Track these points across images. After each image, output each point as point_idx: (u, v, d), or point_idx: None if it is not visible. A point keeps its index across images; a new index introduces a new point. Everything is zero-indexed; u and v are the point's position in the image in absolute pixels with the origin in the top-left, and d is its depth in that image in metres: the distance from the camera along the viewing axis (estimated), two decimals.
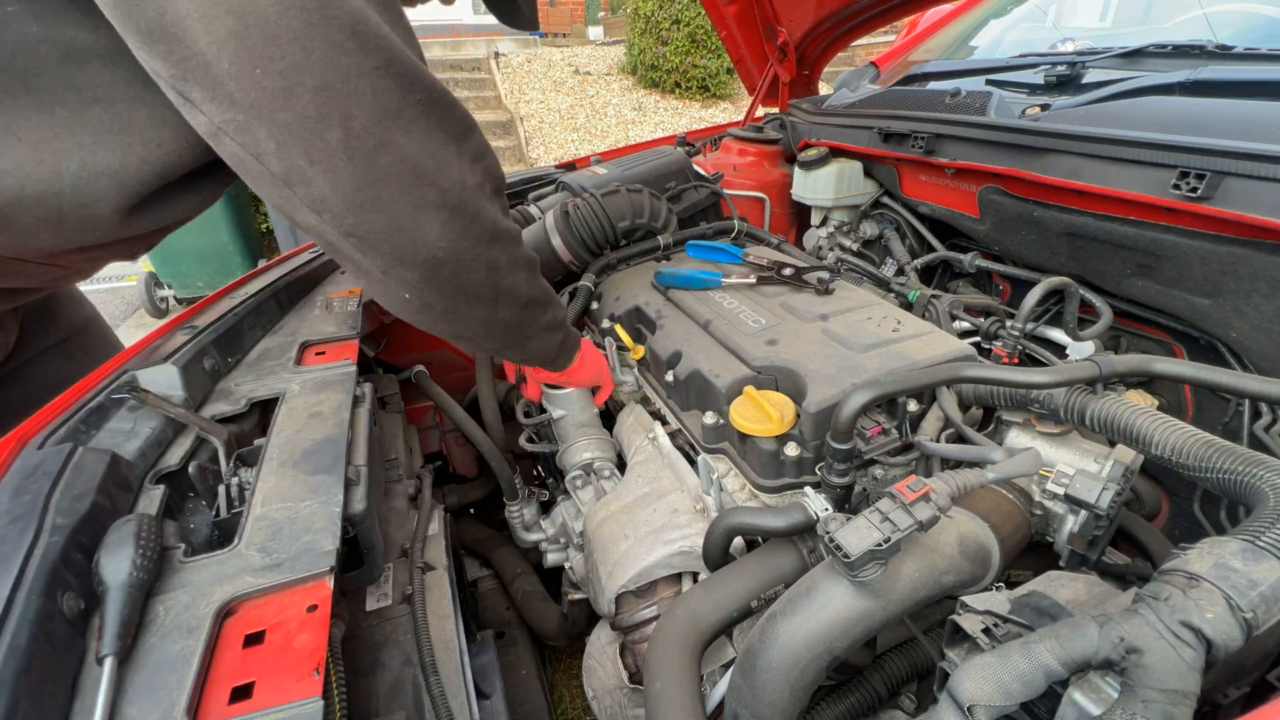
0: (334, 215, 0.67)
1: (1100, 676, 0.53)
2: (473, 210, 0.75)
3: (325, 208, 0.66)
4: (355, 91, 0.62)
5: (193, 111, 0.62)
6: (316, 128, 0.61)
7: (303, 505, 0.71)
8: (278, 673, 0.54)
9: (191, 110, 0.62)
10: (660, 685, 0.77)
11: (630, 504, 1.09)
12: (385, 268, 0.72)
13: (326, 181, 0.64)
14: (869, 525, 0.64)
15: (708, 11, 1.97)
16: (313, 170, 0.63)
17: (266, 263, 1.40)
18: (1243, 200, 0.90)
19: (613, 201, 1.43)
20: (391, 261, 0.72)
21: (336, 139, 0.62)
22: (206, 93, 0.59)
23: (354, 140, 0.63)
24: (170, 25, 0.56)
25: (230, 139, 0.62)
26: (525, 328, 0.95)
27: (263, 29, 0.57)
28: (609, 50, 9.11)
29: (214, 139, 0.64)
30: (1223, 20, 1.63)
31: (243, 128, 0.61)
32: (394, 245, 0.71)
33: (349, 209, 0.67)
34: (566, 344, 1.08)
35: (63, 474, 0.66)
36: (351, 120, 0.62)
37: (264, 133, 0.61)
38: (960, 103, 1.38)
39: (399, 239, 0.70)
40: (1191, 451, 0.68)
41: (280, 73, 0.58)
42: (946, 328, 1.17)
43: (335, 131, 0.62)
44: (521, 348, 1.00)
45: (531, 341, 0.99)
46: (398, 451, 1.27)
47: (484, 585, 1.65)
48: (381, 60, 0.63)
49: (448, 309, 0.81)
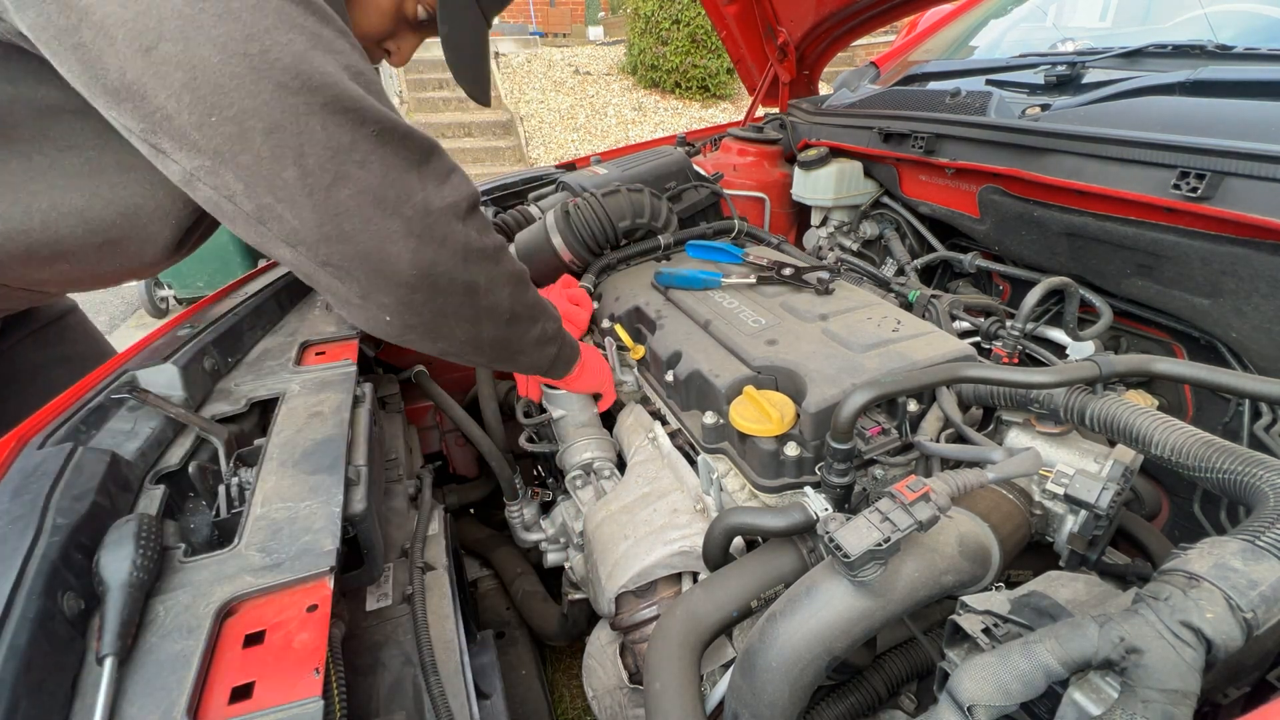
0: (308, 247, 0.69)
1: (1100, 676, 0.53)
2: (440, 234, 0.76)
3: (299, 240, 0.68)
4: (305, 130, 0.64)
5: (166, 161, 0.65)
6: (274, 167, 0.64)
7: (303, 505, 0.71)
8: (278, 673, 0.54)
9: (165, 160, 0.64)
10: (660, 685, 0.77)
11: (630, 504, 1.09)
12: (363, 294, 0.74)
13: (294, 217, 0.66)
14: (869, 525, 0.64)
15: (708, 11, 1.97)
16: (280, 207, 0.66)
17: (266, 263, 1.40)
18: (1243, 200, 0.90)
19: (613, 201, 1.43)
20: (367, 288, 0.74)
21: (293, 176, 0.64)
22: (175, 143, 0.62)
23: (310, 177, 0.65)
24: (131, 84, 0.59)
25: (203, 184, 0.65)
26: (512, 343, 0.96)
27: (210, 78, 0.60)
28: (609, 50, 9.11)
29: (189, 186, 0.66)
30: (1223, 20, 1.63)
31: (211, 172, 0.64)
32: (366, 274, 0.72)
33: (319, 240, 0.68)
34: (562, 355, 1.08)
35: (63, 474, 0.66)
36: (305, 158, 0.64)
37: (230, 175, 0.64)
38: (960, 103, 1.38)
39: (370, 268, 0.72)
40: (1191, 451, 0.68)
41: (232, 118, 0.61)
42: (946, 328, 1.17)
43: (291, 170, 0.64)
44: (512, 361, 1.01)
45: (521, 356, 1.00)
46: (398, 451, 1.27)
47: (484, 585, 1.65)
48: (328, 97, 0.65)
49: (429, 330, 0.82)
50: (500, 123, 7.41)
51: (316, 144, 0.65)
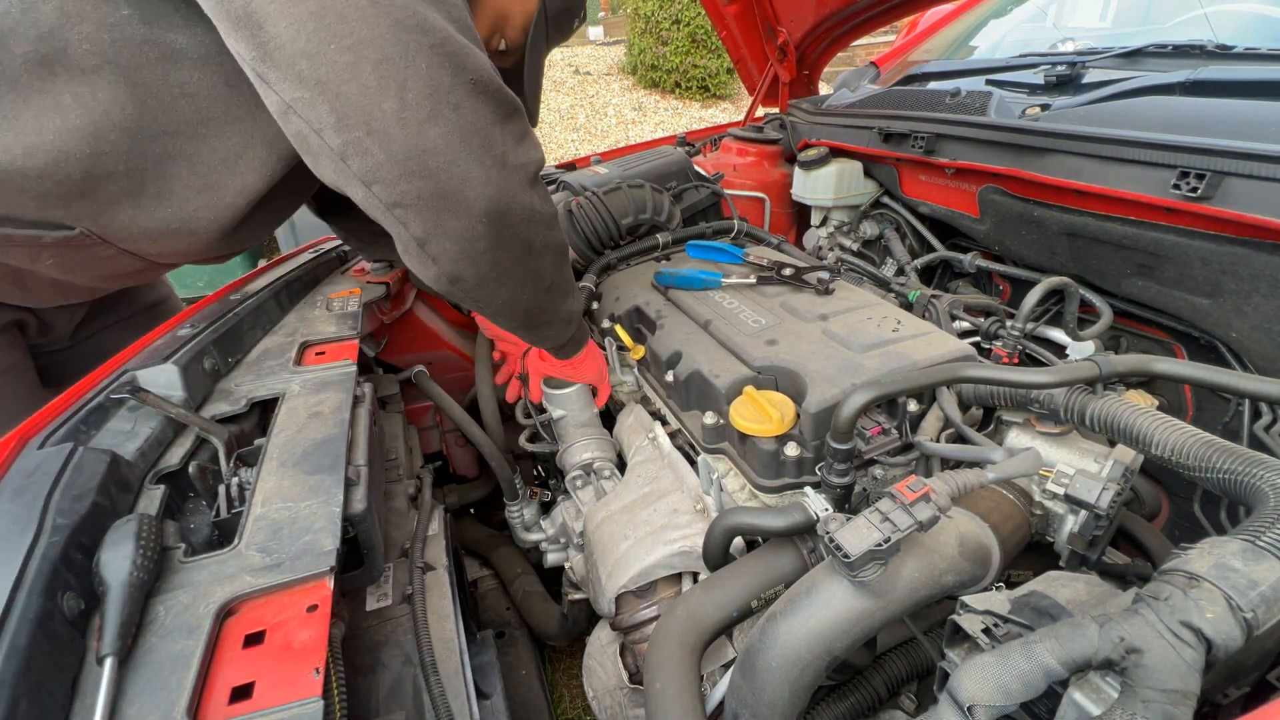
0: (384, 185, 0.72)
1: (1100, 676, 0.53)
2: (513, 190, 0.80)
3: (376, 178, 0.72)
4: (412, 65, 0.68)
5: (268, 91, 0.69)
6: (375, 97, 0.67)
7: (303, 505, 0.71)
8: (277, 673, 0.54)
9: (267, 90, 0.69)
10: (660, 685, 0.77)
11: (630, 504, 1.09)
12: (424, 238, 0.77)
13: (381, 149, 0.70)
14: (869, 525, 0.64)
15: (708, 11, 1.97)
16: (369, 140, 0.69)
17: (266, 263, 1.40)
18: (1243, 200, 0.90)
19: (615, 198, 1.43)
20: (432, 232, 0.77)
21: (392, 108, 0.68)
22: (280, 72, 0.66)
23: (407, 111, 0.69)
24: (255, 12, 0.65)
25: (297, 115, 0.69)
26: (544, 313, 1.00)
27: (336, 8, 0.65)
28: (609, 50, 9.11)
29: (283, 118, 0.70)
30: (1223, 20, 1.63)
31: (309, 104, 0.67)
32: (435, 214, 0.75)
33: (400, 176, 0.72)
34: (577, 336, 1.12)
35: (63, 474, 0.66)
36: (406, 92, 0.68)
37: (326, 108, 0.67)
38: (960, 103, 1.38)
39: (441, 208, 0.75)
40: (1191, 451, 0.68)
41: (349, 48, 0.66)
42: (946, 328, 1.17)
43: (391, 101, 0.68)
44: (536, 330, 1.04)
45: (547, 328, 1.04)
46: (398, 451, 1.27)
47: (484, 585, 1.65)
48: (437, 39, 0.70)
49: (477, 284, 0.85)
50: None
51: (420, 79, 0.69)
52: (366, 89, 0.67)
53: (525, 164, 0.81)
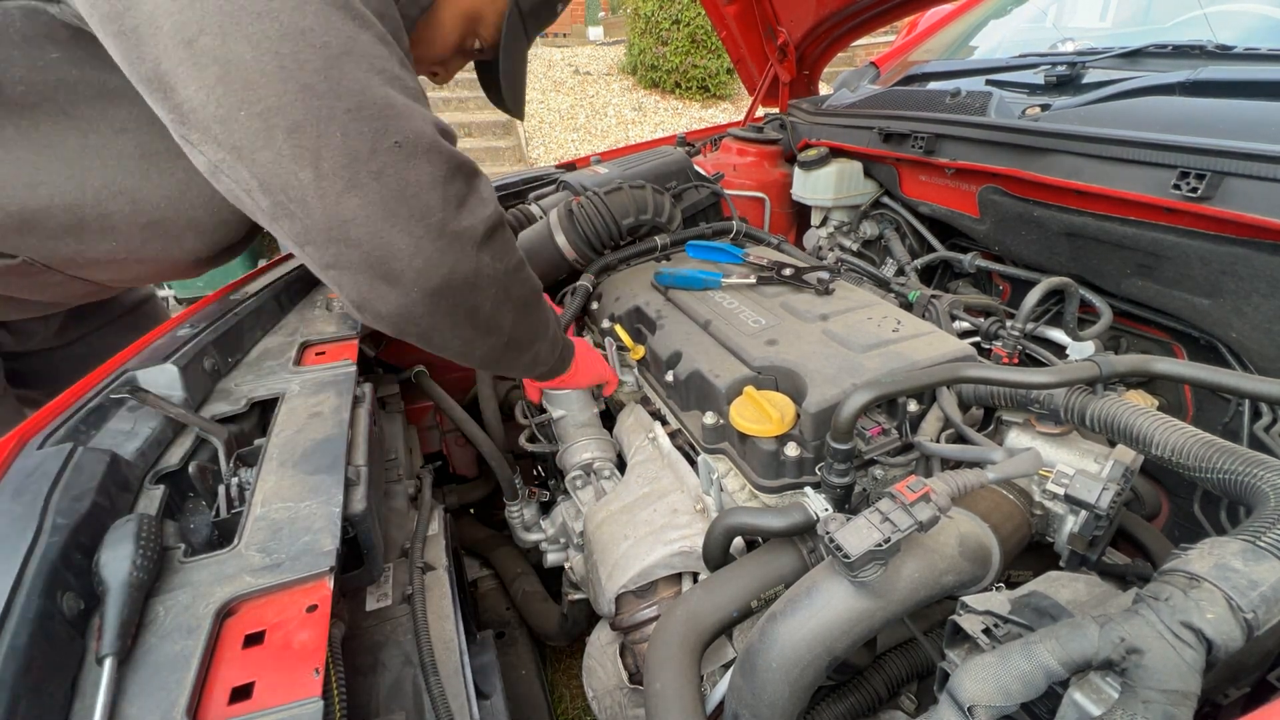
0: (315, 247, 0.70)
1: (1101, 677, 0.53)
2: (450, 258, 0.75)
3: (307, 240, 0.69)
4: (324, 134, 0.64)
5: (193, 151, 0.66)
6: (291, 166, 0.64)
7: (303, 505, 0.71)
8: (277, 673, 0.54)
9: (192, 150, 0.66)
10: (660, 685, 0.77)
11: (630, 504, 1.09)
12: (360, 302, 0.75)
13: (304, 216, 0.67)
14: (869, 525, 0.64)
15: (708, 11, 1.97)
16: (293, 206, 0.66)
17: (266, 263, 1.40)
18: (1243, 200, 0.90)
19: (616, 198, 1.42)
20: (367, 296, 0.74)
21: (309, 178, 0.65)
22: (200, 135, 0.64)
23: (324, 181, 0.65)
24: (165, 76, 0.61)
25: (225, 176, 0.66)
26: (503, 362, 0.97)
27: (242, 74, 0.61)
28: (609, 50, 9.11)
29: (213, 177, 0.68)
30: (1223, 20, 1.63)
31: (232, 166, 0.65)
32: (369, 281, 0.72)
33: (325, 243, 0.69)
34: (557, 364, 1.10)
35: (63, 474, 0.66)
36: (321, 161, 0.65)
37: (247, 172, 0.65)
38: (960, 103, 1.38)
39: (373, 275, 0.72)
40: (1191, 451, 0.68)
41: (259, 114, 0.62)
42: (946, 328, 1.17)
43: (307, 171, 0.65)
44: (506, 370, 1.04)
45: (514, 368, 1.03)
46: (398, 451, 1.27)
47: (484, 585, 1.65)
48: (353, 104, 0.65)
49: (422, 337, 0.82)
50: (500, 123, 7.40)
51: (334, 149, 0.65)
52: (281, 157, 0.63)
53: (470, 227, 0.76)
